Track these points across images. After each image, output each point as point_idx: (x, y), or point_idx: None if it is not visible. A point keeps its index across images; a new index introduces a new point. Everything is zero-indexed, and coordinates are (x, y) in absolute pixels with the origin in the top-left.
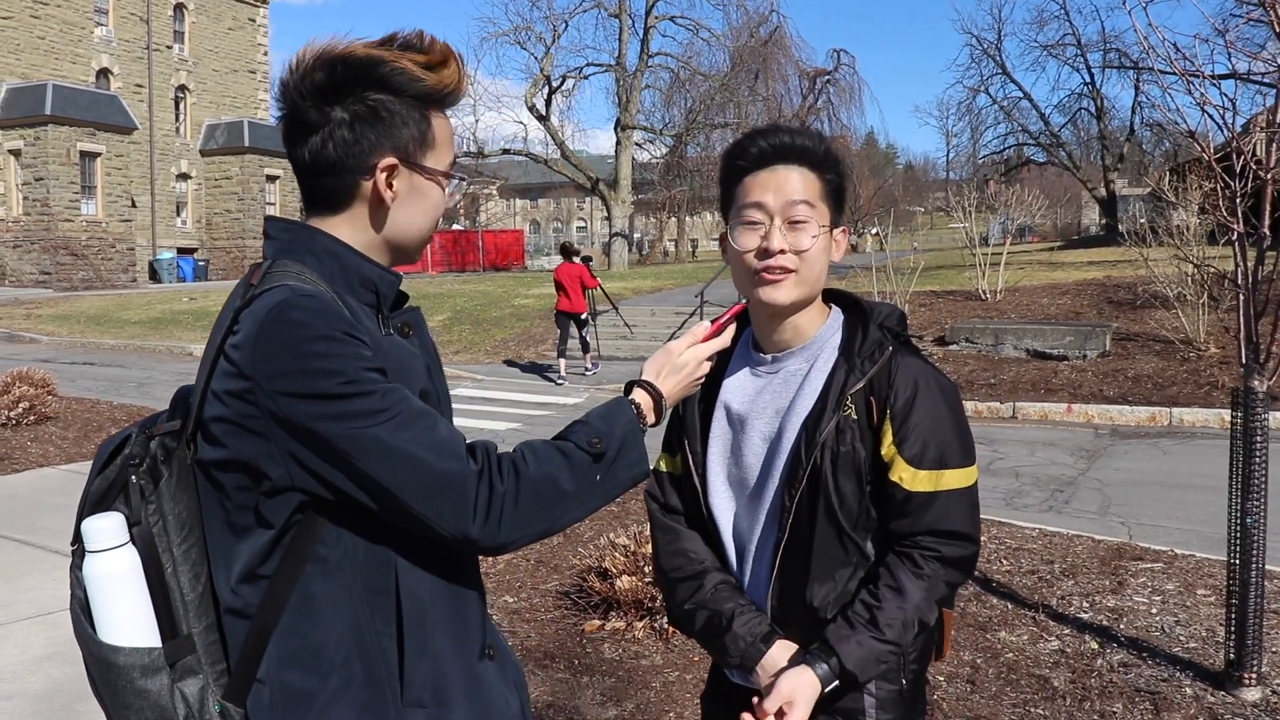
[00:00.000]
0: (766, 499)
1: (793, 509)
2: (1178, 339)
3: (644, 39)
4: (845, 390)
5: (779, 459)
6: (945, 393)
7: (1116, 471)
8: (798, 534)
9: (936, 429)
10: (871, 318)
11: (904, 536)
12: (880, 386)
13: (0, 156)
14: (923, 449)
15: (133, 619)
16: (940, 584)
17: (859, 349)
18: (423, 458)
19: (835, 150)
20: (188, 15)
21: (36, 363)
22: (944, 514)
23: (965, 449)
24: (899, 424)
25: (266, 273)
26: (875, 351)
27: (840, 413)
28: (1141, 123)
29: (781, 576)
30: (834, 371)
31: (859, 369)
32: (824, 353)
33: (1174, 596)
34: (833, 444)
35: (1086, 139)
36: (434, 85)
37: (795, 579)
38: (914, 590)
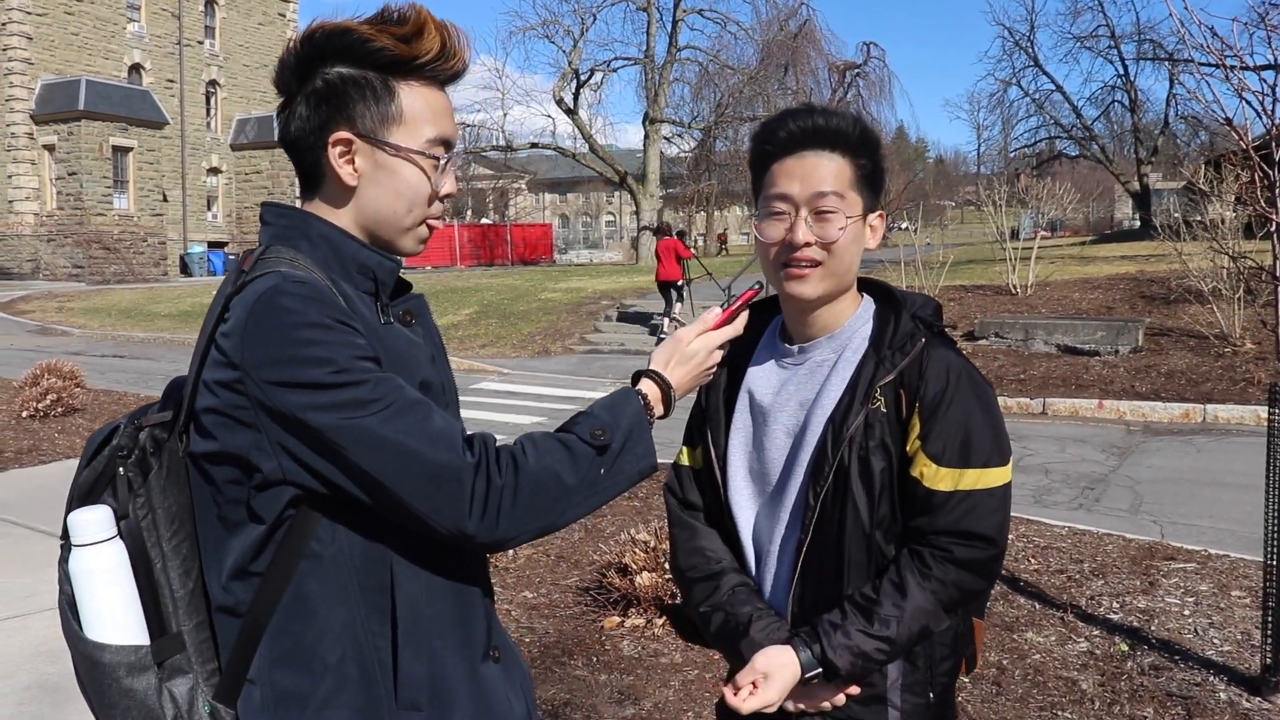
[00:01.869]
0: (789, 496)
1: (817, 508)
2: (1212, 334)
3: (672, 32)
4: (874, 382)
5: (803, 454)
6: (978, 388)
7: (1149, 469)
8: (822, 534)
9: (964, 425)
10: (904, 308)
11: (921, 535)
12: (911, 379)
13: (35, 151)
14: (946, 445)
15: (119, 616)
16: (951, 588)
17: (890, 340)
18: (416, 449)
19: (872, 132)
20: (218, 10)
21: (67, 355)
22: (964, 514)
23: (997, 448)
24: (926, 418)
25: (259, 259)
26: (907, 343)
27: (869, 406)
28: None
29: (803, 579)
30: (863, 363)
31: (889, 360)
32: (853, 343)
33: (1207, 598)
34: (861, 439)
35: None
36: (401, 54)
37: (818, 582)
38: (917, 590)
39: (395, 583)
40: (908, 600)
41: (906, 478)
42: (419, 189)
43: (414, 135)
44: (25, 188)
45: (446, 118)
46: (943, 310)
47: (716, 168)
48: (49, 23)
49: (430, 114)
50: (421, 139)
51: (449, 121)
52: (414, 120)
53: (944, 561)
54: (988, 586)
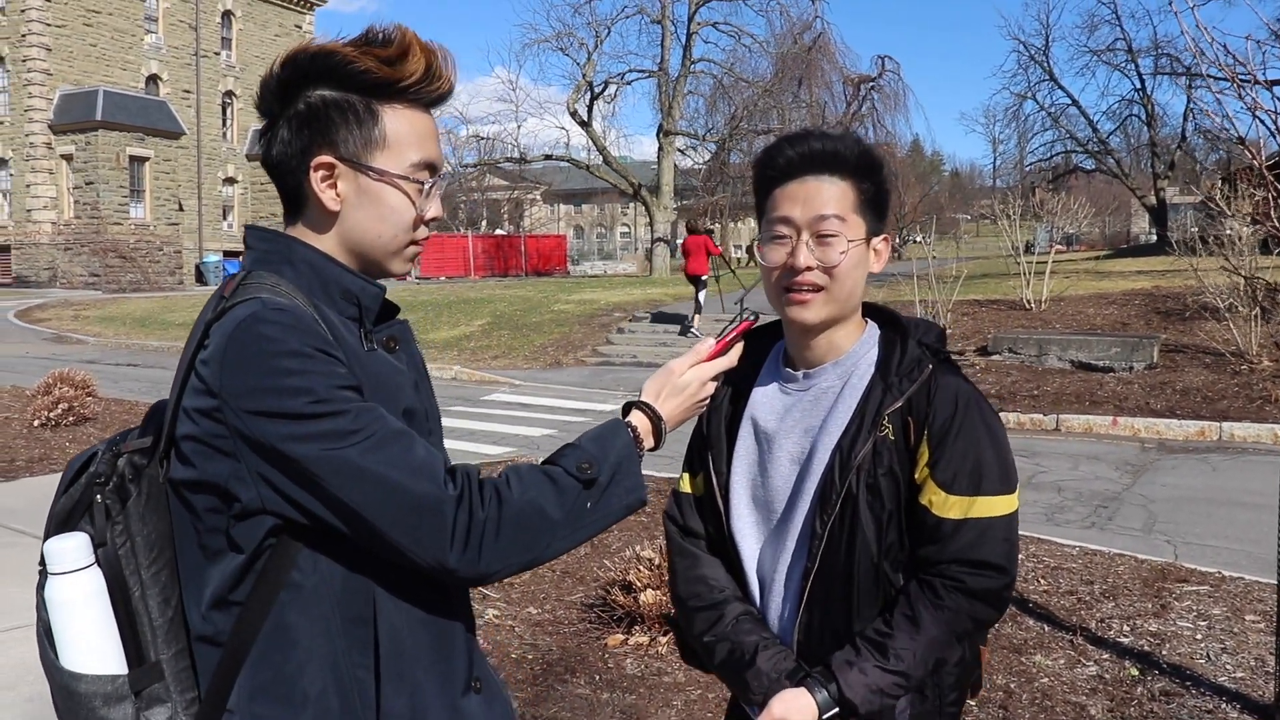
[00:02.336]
0: (794, 525)
1: (824, 536)
2: (1228, 351)
3: (686, 45)
4: (882, 409)
5: (809, 482)
6: (986, 416)
7: (1163, 487)
8: (829, 563)
9: (972, 453)
10: (910, 334)
11: (931, 564)
12: (919, 406)
13: (53, 161)
14: (955, 473)
15: (96, 645)
16: (964, 618)
17: (897, 367)
18: (397, 481)
19: (873, 154)
20: (235, 22)
21: (81, 364)
22: (974, 542)
23: (1004, 476)
24: (935, 445)
25: (240, 284)
26: (914, 369)
27: (877, 433)
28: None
29: (810, 609)
30: (870, 390)
31: (897, 387)
32: (858, 369)
33: (1220, 622)
34: (869, 467)
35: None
36: (384, 77)
37: (825, 612)
38: (930, 623)
39: (377, 614)
40: (921, 633)
41: (915, 506)
42: (403, 214)
43: (398, 159)
44: (43, 197)
45: (431, 141)
46: (946, 334)
47: (730, 180)
48: (68, 34)
49: (414, 138)
50: (405, 163)
51: (434, 145)
52: (398, 144)
53: (955, 591)
54: (999, 615)
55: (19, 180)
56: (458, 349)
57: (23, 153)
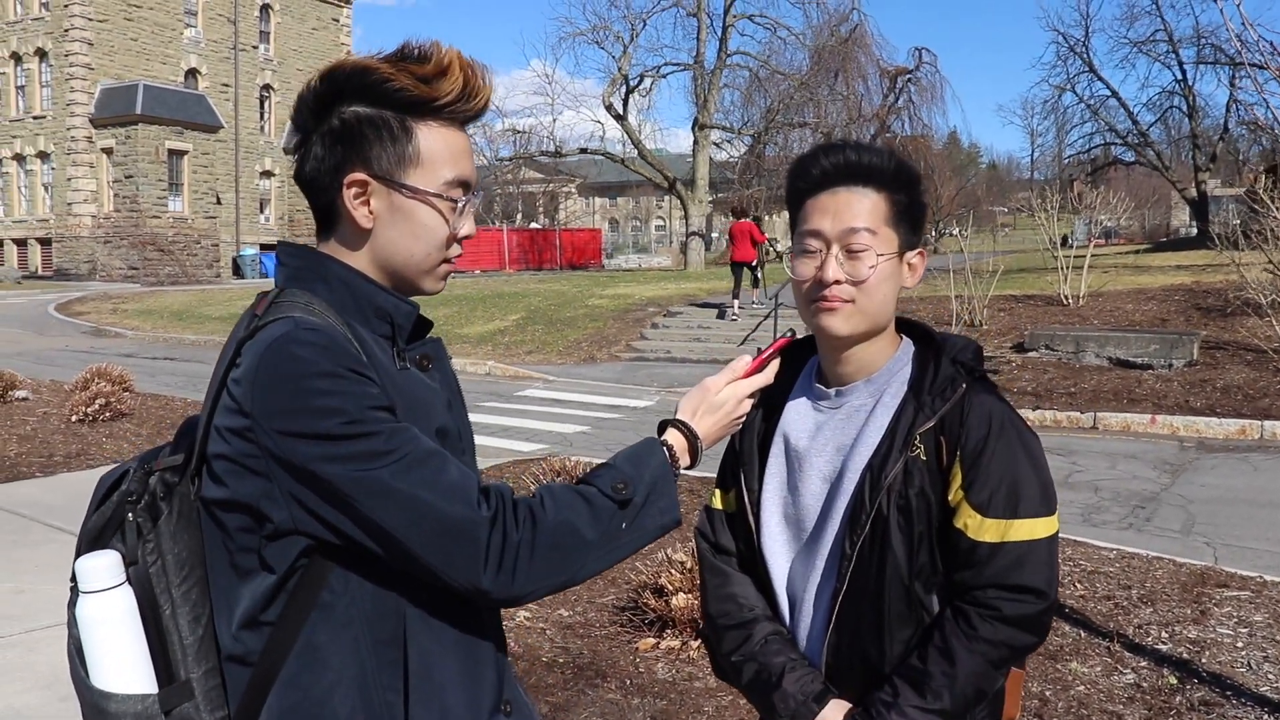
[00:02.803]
0: (825, 544)
1: (854, 557)
2: (1271, 348)
3: (722, 38)
4: (914, 429)
5: (840, 501)
6: (1022, 435)
7: (1202, 488)
8: (858, 584)
9: (1009, 473)
10: (944, 351)
11: (966, 590)
12: (952, 426)
13: (93, 155)
14: (991, 495)
15: (127, 664)
16: (1000, 647)
17: (930, 385)
18: (430, 502)
19: (908, 167)
20: (273, 16)
21: (119, 357)
22: (1011, 567)
23: (1043, 497)
24: (969, 466)
25: (273, 302)
26: (947, 388)
27: (908, 453)
28: (1237, 121)
29: (839, 630)
30: (902, 408)
31: (929, 407)
32: (891, 387)
33: (1262, 629)
34: (899, 488)
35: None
36: (420, 95)
37: (854, 633)
38: (965, 655)
39: (408, 635)
40: (957, 667)
41: (949, 529)
42: (436, 232)
43: (432, 177)
44: (84, 190)
45: (465, 159)
46: (983, 352)
47: (766, 173)
48: (109, 29)
49: (449, 155)
50: (439, 181)
51: (468, 163)
52: (432, 162)
53: (991, 620)
54: (1040, 641)
55: (60, 174)
56: (491, 344)
57: (64, 146)
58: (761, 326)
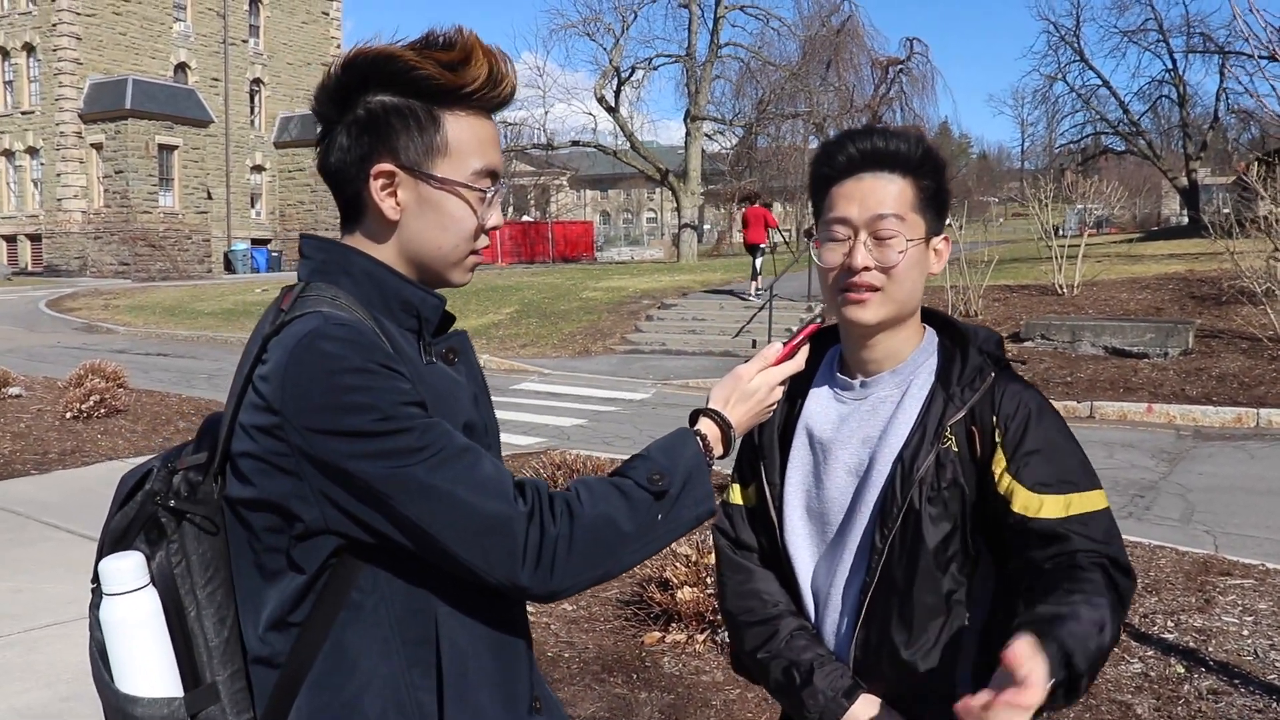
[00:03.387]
0: (852, 538)
1: (884, 551)
2: (1265, 336)
3: (714, 29)
4: (944, 420)
5: (868, 494)
6: (1057, 417)
7: (1200, 476)
8: (889, 578)
9: (1055, 451)
10: (971, 341)
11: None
12: (983, 416)
13: (83, 150)
14: (1043, 474)
15: (152, 666)
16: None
17: (959, 376)
18: (466, 499)
19: (935, 152)
20: (263, 9)
21: (112, 353)
22: (1087, 534)
23: (1089, 471)
24: (1012, 451)
25: (299, 297)
26: (976, 379)
27: (939, 445)
28: (1227, 109)
29: (868, 625)
30: (931, 400)
31: (959, 397)
32: (918, 378)
33: (1267, 617)
34: (931, 479)
35: (1167, 127)
36: (447, 83)
37: (883, 628)
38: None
39: (440, 634)
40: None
41: (1006, 519)
42: (465, 223)
43: (460, 167)
44: (74, 186)
45: (493, 148)
46: (1004, 342)
47: (758, 164)
48: (97, 23)
49: (477, 145)
50: (467, 171)
51: (495, 152)
52: (460, 151)
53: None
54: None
55: (49, 169)
56: (486, 337)
57: (53, 142)
58: (755, 319)
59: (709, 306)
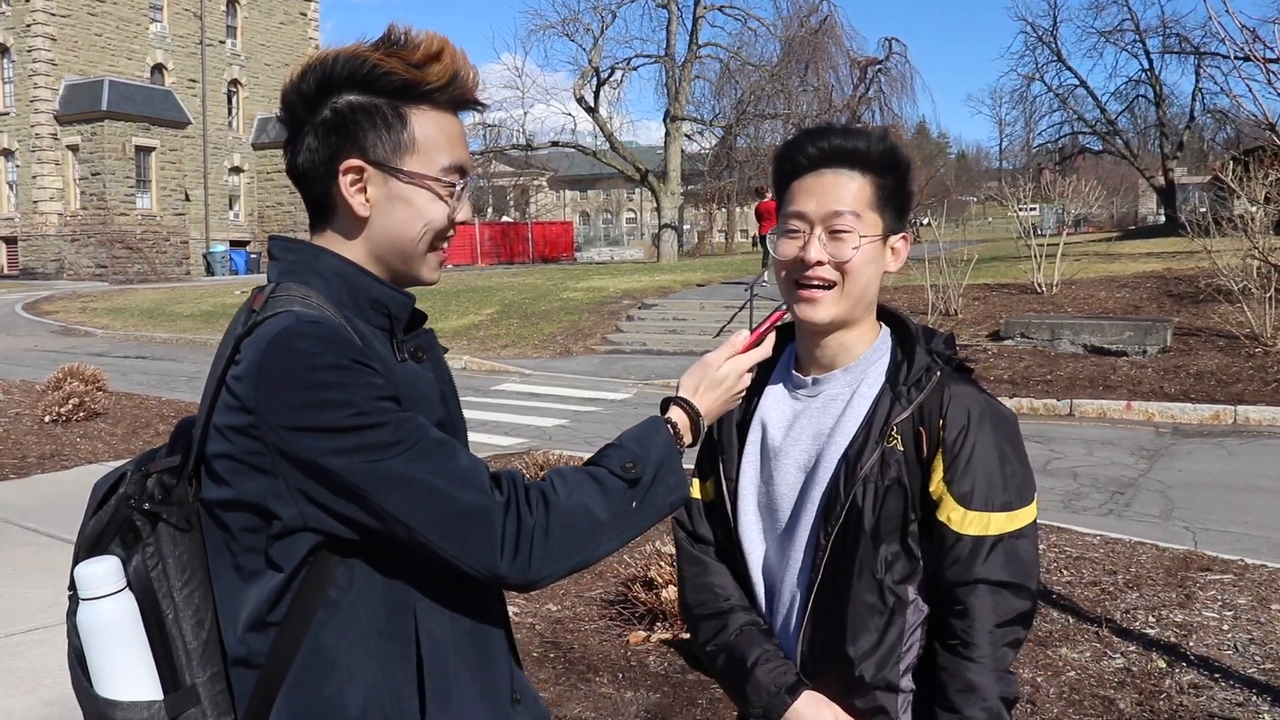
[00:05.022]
0: (800, 534)
1: (828, 547)
2: (1243, 334)
3: (693, 29)
4: (890, 420)
5: (815, 490)
6: (1002, 424)
7: (1179, 473)
8: (833, 575)
9: (991, 465)
10: (918, 341)
11: (952, 588)
12: (930, 417)
13: (59, 152)
14: (973, 487)
15: (131, 670)
16: (1005, 651)
17: (905, 376)
18: (443, 490)
19: (896, 150)
20: (240, 10)
21: (90, 356)
22: (997, 564)
23: (1023, 487)
24: (950, 459)
25: (270, 297)
26: (923, 378)
27: (884, 444)
28: (1202, 109)
29: (814, 620)
30: (878, 399)
31: (905, 397)
32: (869, 377)
33: (1246, 611)
34: (875, 478)
35: (1144, 127)
36: (413, 80)
37: (828, 625)
38: (986, 681)
39: (419, 628)
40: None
41: (933, 523)
42: (434, 217)
43: (428, 162)
44: (49, 188)
45: (460, 144)
46: (955, 340)
47: (737, 165)
48: (72, 24)
49: (444, 140)
50: (436, 166)
51: (463, 148)
52: (427, 147)
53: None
54: (1027, 633)
55: (25, 171)
56: (467, 338)
57: (28, 144)
58: (736, 318)
59: (690, 306)
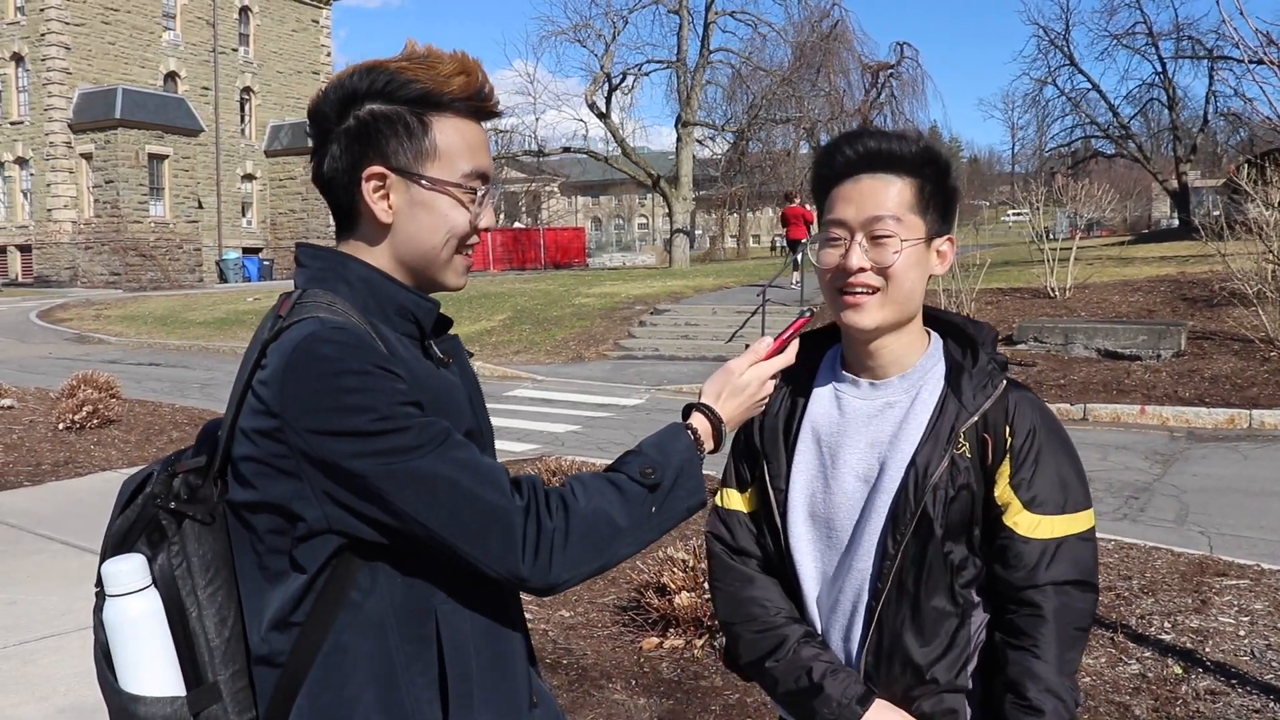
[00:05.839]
0: (864, 543)
1: (897, 556)
2: (1257, 338)
3: (704, 35)
4: (957, 426)
5: (880, 499)
6: (1060, 430)
7: (1194, 477)
8: (902, 584)
9: (1058, 471)
10: (981, 346)
11: (1019, 590)
12: (996, 423)
13: (72, 160)
14: (1041, 492)
15: (155, 666)
16: (1073, 657)
17: (970, 382)
18: (464, 493)
19: (935, 151)
20: (252, 18)
21: (104, 364)
22: (1068, 563)
23: (1085, 490)
24: (1017, 465)
25: (296, 303)
26: (988, 384)
27: (953, 450)
28: (1216, 112)
29: (880, 630)
30: (943, 405)
31: (971, 404)
32: (928, 383)
33: (1263, 617)
34: (946, 485)
35: (1157, 130)
36: (435, 89)
37: (896, 633)
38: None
39: (440, 632)
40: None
41: (997, 527)
42: (457, 223)
43: (450, 169)
44: (63, 196)
45: (482, 151)
46: (998, 338)
47: (749, 170)
48: (86, 33)
49: (466, 148)
50: (458, 173)
51: (485, 155)
52: (449, 154)
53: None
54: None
55: (39, 180)
56: (480, 344)
57: (43, 152)
58: (749, 323)
59: (702, 311)
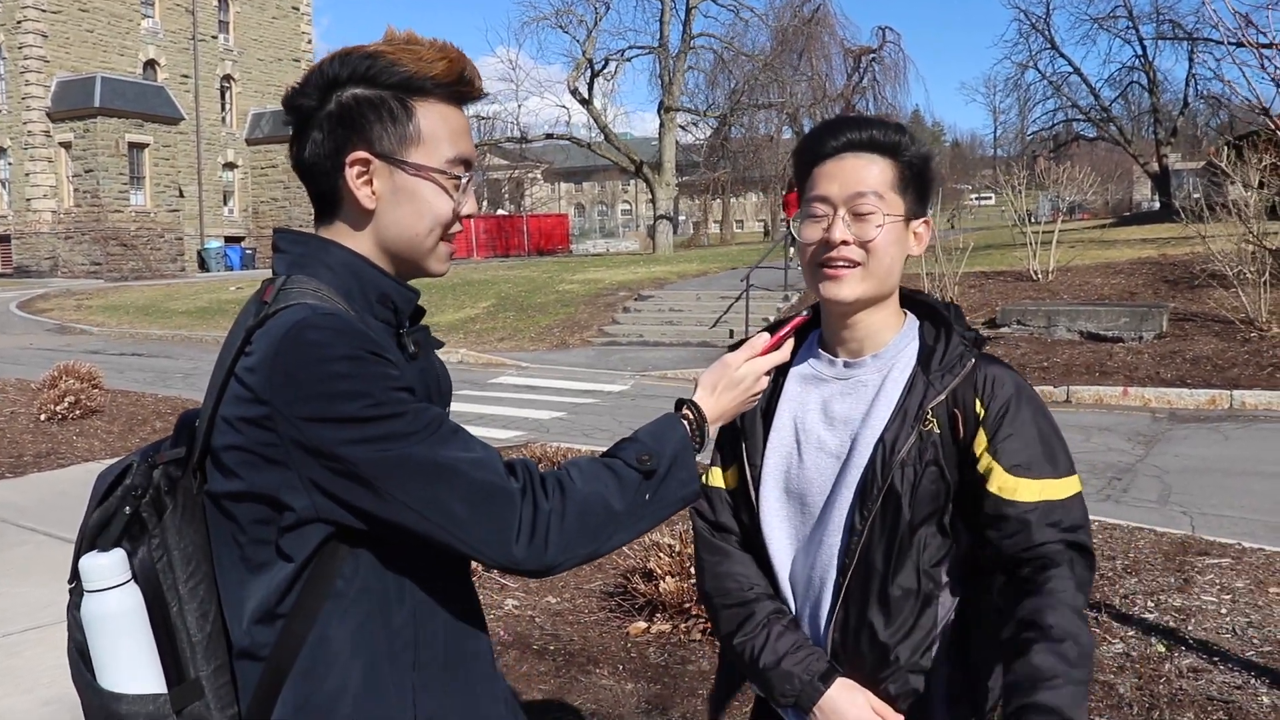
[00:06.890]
0: (833, 519)
1: (864, 532)
2: (1238, 319)
3: (686, 20)
4: (925, 403)
5: (850, 475)
6: (1036, 399)
7: (1176, 458)
8: (868, 560)
9: (1037, 434)
10: (954, 326)
11: (1020, 551)
12: (965, 398)
13: (51, 149)
14: (1022, 456)
15: (135, 663)
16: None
17: (940, 360)
18: (460, 477)
19: (914, 138)
20: (232, 5)
21: (85, 354)
22: (1059, 524)
23: (1067, 456)
24: (993, 433)
25: (281, 290)
26: (956, 364)
27: (920, 427)
28: (1196, 95)
29: (846, 606)
30: (912, 383)
31: (939, 381)
32: (899, 363)
33: (1244, 595)
34: (913, 462)
35: (1138, 113)
36: (418, 73)
37: (862, 609)
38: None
39: (418, 623)
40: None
41: (982, 498)
42: (441, 210)
43: (433, 155)
44: (43, 185)
45: (465, 137)
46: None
47: (732, 155)
48: (64, 20)
49: (449, 133)
50: (441, 159)
51: (468, 141)
52: (433, 140)
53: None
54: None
55: (18, 169)
56: (463, 331)
57: (21, 141)
58: (732, 309)
59: (686, 297)
